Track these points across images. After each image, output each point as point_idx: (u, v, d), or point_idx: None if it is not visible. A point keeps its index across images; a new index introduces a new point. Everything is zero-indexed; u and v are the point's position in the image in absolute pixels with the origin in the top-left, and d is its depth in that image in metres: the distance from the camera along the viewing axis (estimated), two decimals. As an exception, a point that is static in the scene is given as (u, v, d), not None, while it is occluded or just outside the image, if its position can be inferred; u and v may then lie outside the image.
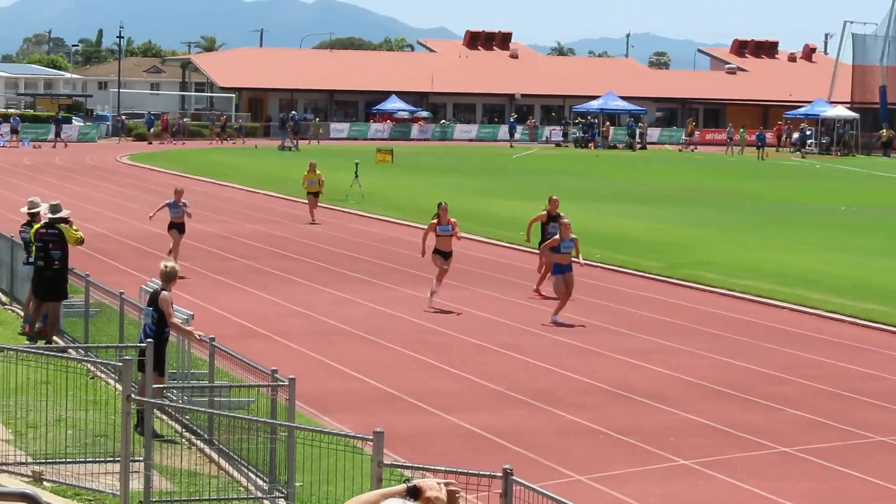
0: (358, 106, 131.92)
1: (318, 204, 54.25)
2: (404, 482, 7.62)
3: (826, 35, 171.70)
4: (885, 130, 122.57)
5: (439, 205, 29.88)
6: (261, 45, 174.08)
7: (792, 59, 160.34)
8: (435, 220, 30.00)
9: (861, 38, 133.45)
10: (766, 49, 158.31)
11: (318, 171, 54.55)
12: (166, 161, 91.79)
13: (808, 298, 36.06)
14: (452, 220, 30.63)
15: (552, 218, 32.98)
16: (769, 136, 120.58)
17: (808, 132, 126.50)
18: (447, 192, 62.09)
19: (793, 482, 19.77)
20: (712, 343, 30.32)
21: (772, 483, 19.63)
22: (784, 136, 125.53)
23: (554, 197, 33.46)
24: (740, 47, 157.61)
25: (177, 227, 36.34)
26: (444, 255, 29.94)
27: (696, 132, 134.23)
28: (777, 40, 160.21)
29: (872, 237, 50.97)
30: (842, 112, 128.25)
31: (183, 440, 20.32)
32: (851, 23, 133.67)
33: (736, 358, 28.42)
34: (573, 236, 28.99)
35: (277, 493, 17.35)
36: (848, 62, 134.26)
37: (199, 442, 20.12)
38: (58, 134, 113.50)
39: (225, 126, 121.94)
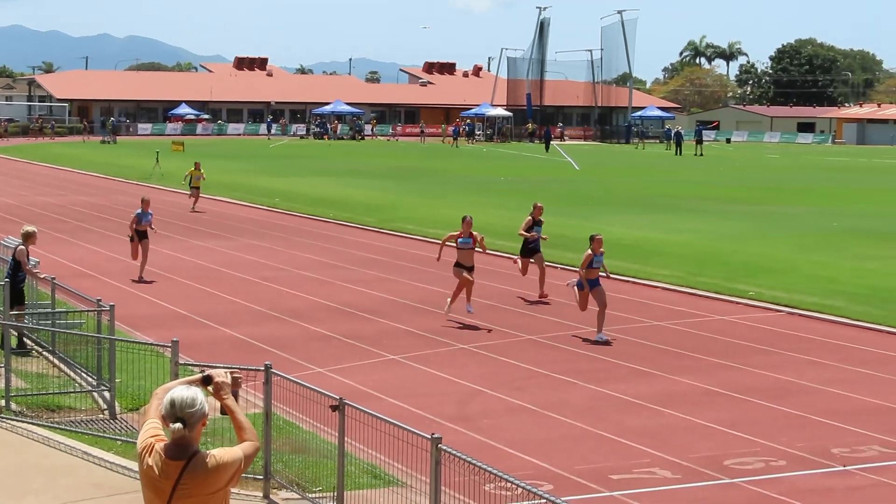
0: (158, 111, 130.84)
1: (200, 196, 47.58)
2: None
3: (489, 58, 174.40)
4: (530, 125, 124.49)
5: (463, 218, 23.99)
6: (86, 69, 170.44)
7: (465, 75, 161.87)
8: (456, 232, 23.87)
9: (513, 60, 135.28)
10: (447, 68, 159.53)
11: (201, 170, 47.54)
12: (16, 152, 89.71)
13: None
14: (476, 233, 24.34)
15: (536, 223, 27.62)
16: (448, 130, 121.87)
17: (476, 126, 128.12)
18: (223, 173, 62.15)
19: (469, 369, 20.05)
20: (412, 274, 30.56)
21: (455, 370, 19.92)
22: (462, 129, 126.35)
23: (539, 203, 27.86)
24: (430, 67, 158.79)
25: (140, 235, 28.97)
26: (465, 268, 23.71)
27: (399, 127, 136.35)
28: (455, 62, 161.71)
29: (516, 198, 51.61)
30: (500, 112, 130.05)
31: (34, 352, 20.18)
32: (506, 49, 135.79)
33: (429, 284, 28.64)
34: (602, 250, 23.16)
35: (103, 387, 17.26)
36: (504, 77, 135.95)
37: (45, 353, 20.00)
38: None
39: (42, 127, 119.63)
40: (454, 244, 23.32)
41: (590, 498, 13.09)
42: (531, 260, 27.50)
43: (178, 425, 6.95)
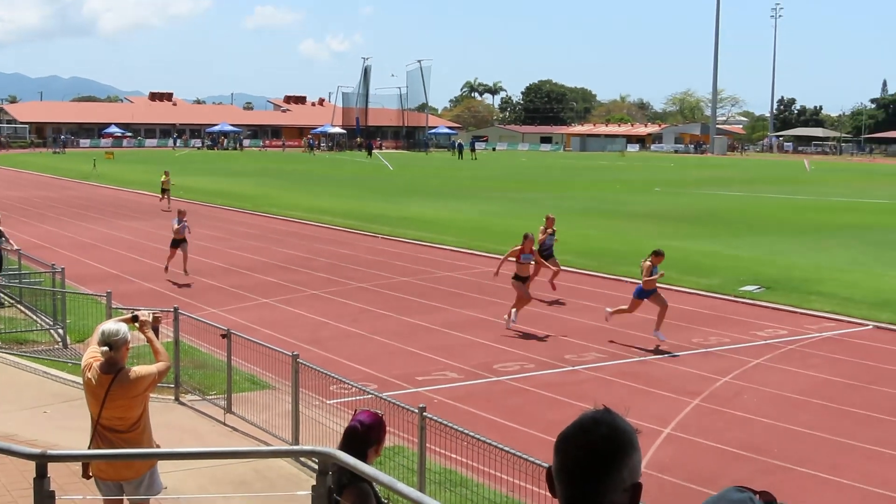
0: (94, 130, 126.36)
1: (170, 198, 40.54)
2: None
3: (329, 93, 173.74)
4: (358, 139, 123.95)
5: (525, 236, 18.79)
6: (41, 100, 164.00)
7: (313, 104, 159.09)
8: (518, 248, 18.53)
9: (346, 94, 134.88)
10: (300, 100, 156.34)
11: (169, 177, 41.66)
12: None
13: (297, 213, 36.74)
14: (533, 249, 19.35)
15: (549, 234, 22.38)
16: (302, 143, 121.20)
17: (321, 140, 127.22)
18: (142, 174, 60.43)
19: (319, 308, 20.05)
20: (278, 243, 30.30)
21: (309, 309, 19.90)
22: (314, 142, 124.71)
23: (551, 215, 23.09)
24: (288, 98, 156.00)
25: (179, 243, 24.41)
26: (523, 279, 18.59)
27: (267, 141, 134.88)
28: (305, 95, 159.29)
29: (350, 188, 51.50)
30: (338, 130, 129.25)
31: (6, 302, 19.57)
32: (341, 86, 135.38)
33: (290, 250, 28.54)
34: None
35: (58, 326, 16.97)
36: (340, 105, 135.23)
37: (15, 303, 19.55)
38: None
39: (8, 142, 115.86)
40: (515, 259, 18.56)
41: (402, 393, 13.21)
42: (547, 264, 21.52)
43: (106, 348, 7.33)
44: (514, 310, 18.18)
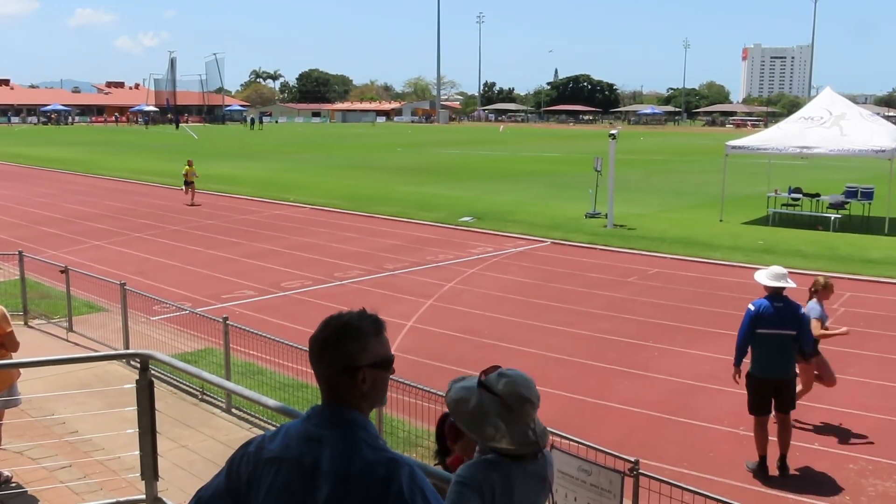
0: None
1: (196, 190, 27.23)
2: None
3: (143, 79, 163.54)
4: (169, 115, 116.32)
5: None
6: None
7: (131, 88, 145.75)
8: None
9: (158, 80, 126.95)
10: (120, 84, 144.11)
11: (193, 167, 27.23)
12: None
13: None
14: None
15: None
16: (122, 119, 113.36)
17: (140, 117, 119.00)
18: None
19: (142, 247, 18.95)
20: (105, 195, 28.39)
21: (134, 248, 18.77)
22: (145, 119, 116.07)
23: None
24: (110, 84, 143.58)
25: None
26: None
27: (93, 118, 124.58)
28: (123, 81, 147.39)
29: (165, 153, 48.81)
30: (152, 108, 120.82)
31: None
32: (153, 74, 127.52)
33: (114, 202, 26.83)
34: None
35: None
36: (153, 89, 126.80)
37: None
38: None
39: None
40: None
41: (211, 308, 12.80)
42: None
43: None
44: None
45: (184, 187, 27.38)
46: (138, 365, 4.85)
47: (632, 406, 9.13)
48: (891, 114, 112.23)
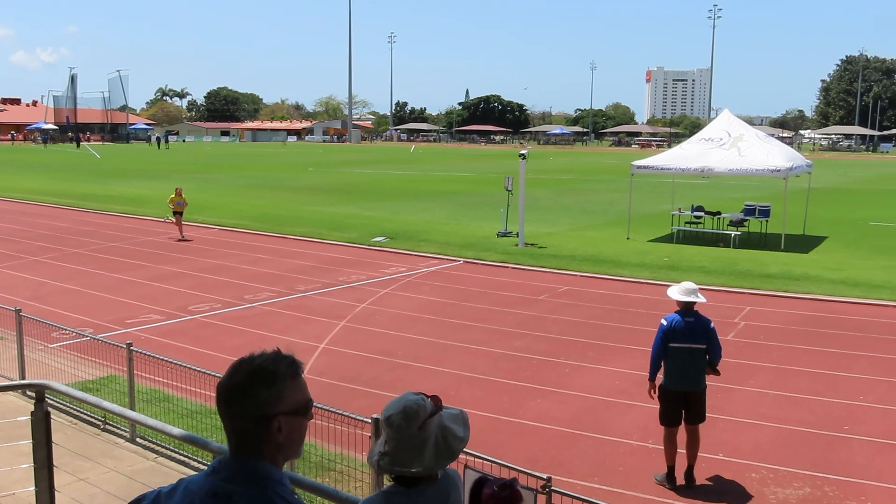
0: None
1: (182, 222, 23.65)
2: None
3: (42, 95, 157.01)
4: (70, 134, 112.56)
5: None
6: None
7: (28, 105, 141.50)
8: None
9: (57, 97, 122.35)
10: (15, 101, 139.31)
11: (182, 195, 23.61)
12: None
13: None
14: None
15: None
16: (22, 137, 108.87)
17: (36, 135, 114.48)
18: None
19: (41, 271, 18.19)
20: (18, 220, 27.17)
21: (31, 272, 18.00)
22: (44, 137, 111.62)
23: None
24: (5, 101, 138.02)
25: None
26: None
27: (14, 136, 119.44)
28: (20, 97, 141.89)
29: (67, 173, 47.03)
30: (51, 126, 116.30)
31: None
32: (52, 91, 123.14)
33: (1, 223, 25.69)
34: None
35: None
36: (52, 106, 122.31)
37: None
38: None
39: None
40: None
41: (114, 333, 12.36)
42: None
43: None
44: None
45: (172, 217, 23.89)
46: (34, 396, 4.64)
47: (545, 423, 9.23)
48: (785, 135, 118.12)
